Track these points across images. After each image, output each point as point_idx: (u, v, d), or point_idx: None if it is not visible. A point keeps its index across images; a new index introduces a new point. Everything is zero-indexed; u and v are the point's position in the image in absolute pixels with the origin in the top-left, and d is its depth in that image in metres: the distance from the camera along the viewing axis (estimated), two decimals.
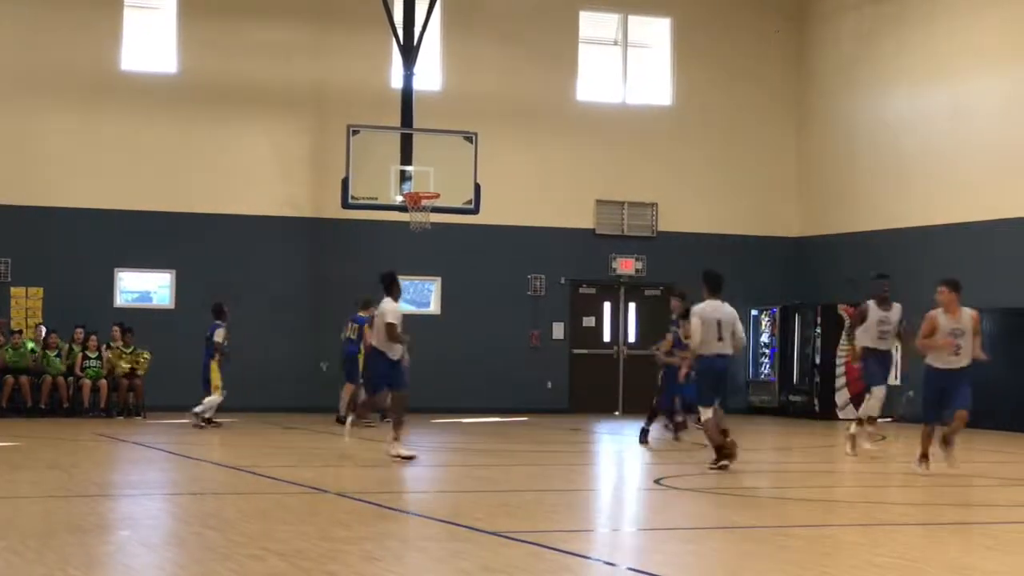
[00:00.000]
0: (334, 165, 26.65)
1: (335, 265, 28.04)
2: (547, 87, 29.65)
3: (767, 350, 30.02)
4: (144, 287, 28.11)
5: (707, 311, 16.26)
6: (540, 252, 29.46)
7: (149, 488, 14.70)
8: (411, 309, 27.04)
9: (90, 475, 15.79)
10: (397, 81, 27.51)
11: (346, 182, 25.76)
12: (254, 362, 26.38)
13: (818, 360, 28.80)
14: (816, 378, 28.83)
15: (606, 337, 30.21)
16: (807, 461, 19.78)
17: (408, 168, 25.82)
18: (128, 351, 25.99)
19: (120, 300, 27.64)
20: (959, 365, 15.80)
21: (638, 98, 30.42)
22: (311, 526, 11.14)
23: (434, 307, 29.08)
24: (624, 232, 30.08)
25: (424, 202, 25.40)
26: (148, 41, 27.98)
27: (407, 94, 26.70)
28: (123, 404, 25.75)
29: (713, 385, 16.38)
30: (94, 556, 9.85)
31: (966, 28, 27.01)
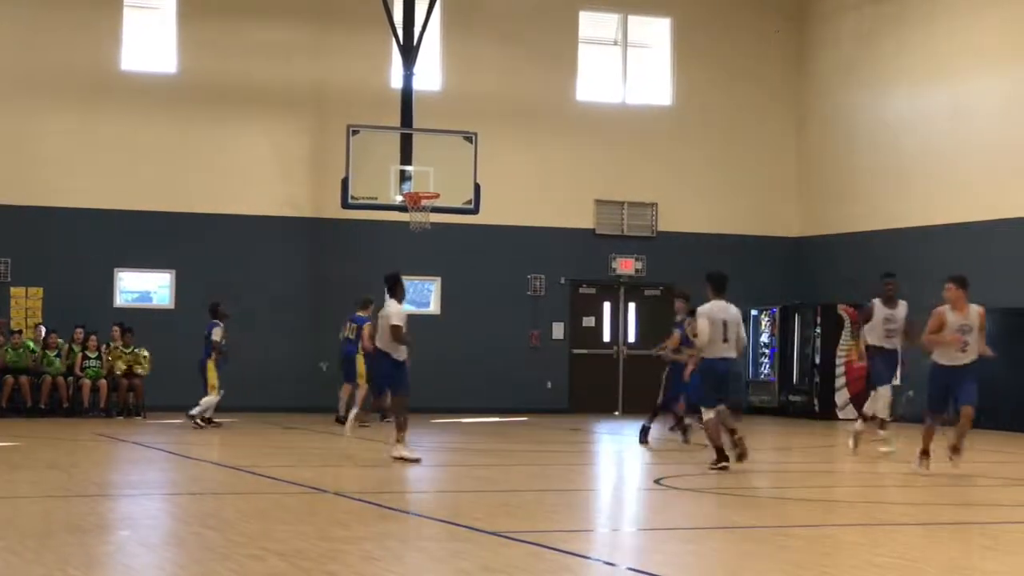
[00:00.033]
0: (334, 165, 26.64)
1: (335, 265, 28.04)
2: (547, 87, 29.64)
3: (767, 350, 30.00)
4: (144, 287, 28.11)
5: (714, 311, 16.26)
6: (540, 252, 29.45)
7: (148, 488, 14.69)
8: (411, 309, 26.97)
9: (89, 475, 15.79)
10: (397, 81, 27.50)
11: (346, 182, 25.74)
12: (254, 362, 26.39)
13: (818, 360, 28.78)
14: (816, 378, 28.80)
15: (606, 337, 30.19)
16: (807, 461, 19.78)
17: (408, 168, 25.81)
18: (128, 351, 25.99)
19: (120, 300, 27.63)
20: (965, 361, 15.84)
21: (638, 98, 30.40)
22: (310, 526, 11.13)
23: (434, 307, 29.07)
24: (624, 232, 30.07)
25: (424, 202, 25.39)
26: (147, 41, 27.98)
27: (407, 94, 26.69)
28: (123, 404, 25.74)
29: (715, 386, 16.38)
30: (93, 556, 9.84)
31: (966, 28, 27.00)
